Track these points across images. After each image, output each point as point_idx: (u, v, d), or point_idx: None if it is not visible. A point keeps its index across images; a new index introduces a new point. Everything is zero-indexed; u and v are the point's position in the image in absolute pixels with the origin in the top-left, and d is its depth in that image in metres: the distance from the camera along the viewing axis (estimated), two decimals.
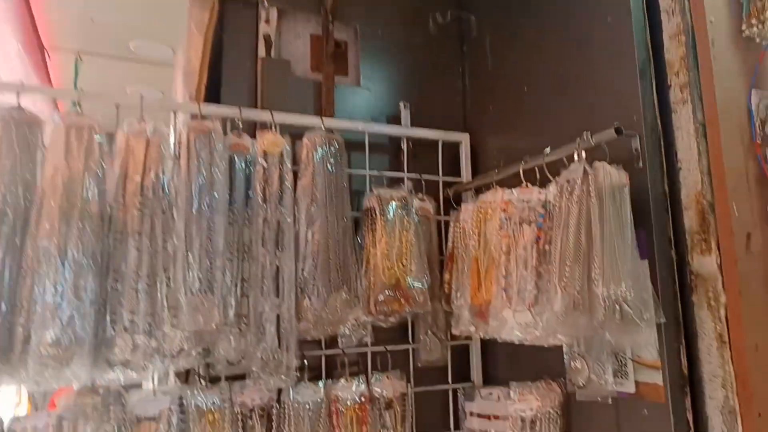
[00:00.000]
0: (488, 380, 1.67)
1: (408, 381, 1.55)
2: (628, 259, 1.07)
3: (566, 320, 1.09)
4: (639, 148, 1.16)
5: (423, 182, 1.66)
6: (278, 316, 1.35)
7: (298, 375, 1.40)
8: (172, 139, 1.32)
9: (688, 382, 1.09)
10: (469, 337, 1.66)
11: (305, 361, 1.43)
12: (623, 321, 1.03)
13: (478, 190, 1.49)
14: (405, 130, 1.68)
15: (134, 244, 1.21)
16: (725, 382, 1.02)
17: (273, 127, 1.43)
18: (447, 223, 1.63)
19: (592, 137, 1.14)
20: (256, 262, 1.35)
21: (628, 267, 1.06)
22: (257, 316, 1.33)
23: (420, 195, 1.62)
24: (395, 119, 1.72)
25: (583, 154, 1.15)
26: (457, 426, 1.63)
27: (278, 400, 1.38)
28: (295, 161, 1.46)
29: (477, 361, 1.68)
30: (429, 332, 1.59)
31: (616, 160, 1.15)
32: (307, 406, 1.38)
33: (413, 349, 1.60)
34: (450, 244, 1.58)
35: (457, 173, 1.73)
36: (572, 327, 1.10)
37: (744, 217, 1.08)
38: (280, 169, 1.41)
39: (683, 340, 1.11)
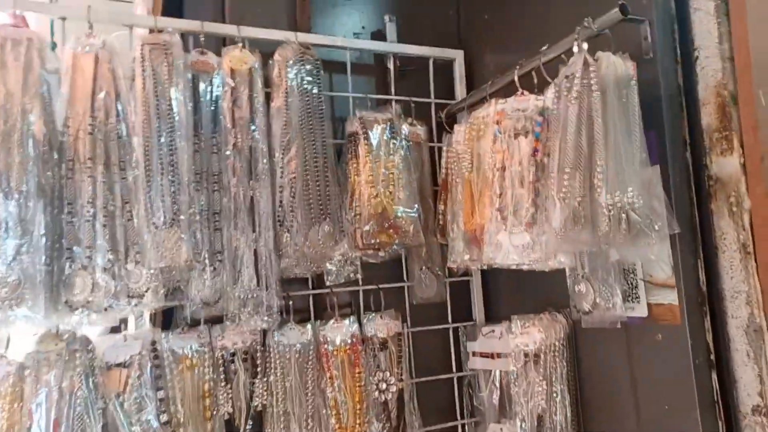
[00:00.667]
0: (491, 318, 1.55)
1: (404, 320, 1.45)
2: (636, 162, 0.93)
3: (566, 236, 0.96)
4: (649, 35, 1.00)
5: (413, 106, 1.51)
6: (256, 253, 1.25)
7: (285, 316, 1.31)
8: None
9: (707, 300, 0.96)
10: (468, 273, 1.55)
11: (290, 301, 1.33)
12: (631, 232, 0.90)
13: (473, 110, 1.33)
14: (391, 46, 1.52)
15: (88, 173, 1.10)
16: (750, 298, 0.89)
17: (240, 44, 1.29)
18: (441, 151, 1.49)
19: (594, 23, 0.98)
20: (227, 193, 1.24)
21: (635, 171, 0.92)
22: (232, 253, 1.23)
23: (410, 120, 1.48)
24: (381, 36, 1.56)
25: (585, 45, 0.99)
26: (459, 368, 1.53)
27: (263, 344, 1.29)
28: (267, 84, 1.32)
29: (478, 298, 1.56)
30: (424, 268, 1.48)
31: (623, 51, 0.99)
32: (294, 349, 1.28)
33: (408, 287, 1.49)
34: (443, 171, 1.45)
35: (452, 95, 1.58)
36: (573, 243, 0.96)
37: None
38: (249, 89, 1.28)
39: (701, 254, 0.97)
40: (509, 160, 1.16)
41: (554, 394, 1.15)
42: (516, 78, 1.19)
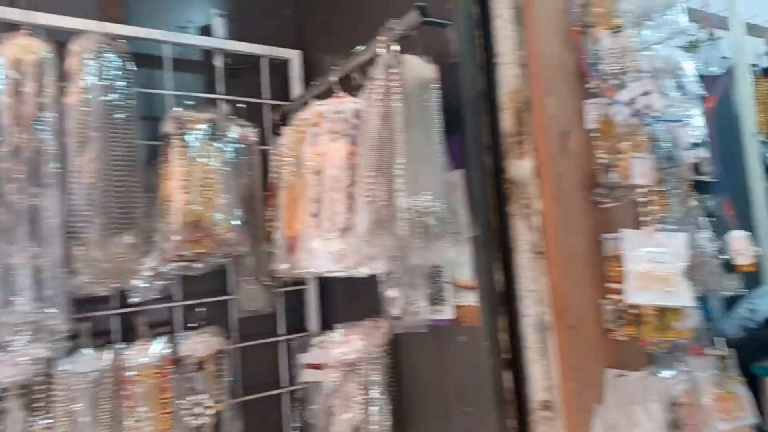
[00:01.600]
0: (329, 328, 1.49)
1: (228, 336, 1.34)
2: (435, 166, 0.92)
3: (373, 241, 0.93)
4: (454, 39, 1.00)
5: (245, 107, 1.41)
6: (39, 269, 1.08)
7: (82, 340, 1.15)
8: None
9: (506, 301, 0.97)
10: (302, 282, 1.48)
11: (87, 323, 1.17)
12: (428, 236, 0.89)
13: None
14: (218, 42, 1.42)
15: None
16: (540, 296, 0.91)
17: (29, 31, 1.12)
18: None
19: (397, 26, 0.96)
20: (2, 201, 1.06)
21: (434, 175, 0.92)
22: (5, 271, 1.05)
23: (241, 121, 1.39)
24: (210, 32, 1.45)
25: (398, 47, 0.97)
26: (293, 382, 1.45)
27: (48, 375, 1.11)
28: (64, 78, 1.16)
29: (313, 308, 1.50)
30: (250, 278, 1.38)
31: (432, 56, 0.98)
32: (87, 378, 1.12)
33: (234, 299, 1.39)
34: (271, 175, 1.37)
35: (289, 97, 1.51)
36: (379, 248, 0.93)
37: (561, 114, 0.96)
38: (38, 82, 1.11)
39: (501, 256, 0.99)
40: (326, 164, 1.11)
41: (369, 403, 1.12)
42: (334, 79, 1.15)
